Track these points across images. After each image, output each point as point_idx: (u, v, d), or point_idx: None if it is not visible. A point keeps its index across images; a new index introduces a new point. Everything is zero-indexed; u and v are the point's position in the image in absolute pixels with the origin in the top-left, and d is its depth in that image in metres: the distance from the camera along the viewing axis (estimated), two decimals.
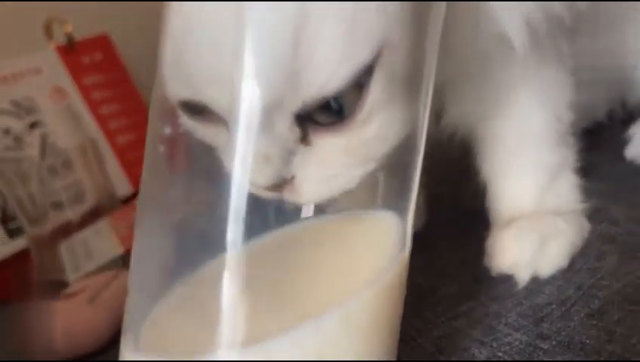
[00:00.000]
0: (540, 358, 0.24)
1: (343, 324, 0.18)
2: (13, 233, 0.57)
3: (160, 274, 0.22)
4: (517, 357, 0.25)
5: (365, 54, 0.19)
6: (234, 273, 0.18)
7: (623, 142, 0.42)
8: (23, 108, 0.62)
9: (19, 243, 0.56)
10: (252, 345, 0.17)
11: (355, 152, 0.21)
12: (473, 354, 0.26)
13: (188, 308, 0.21)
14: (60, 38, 0.67)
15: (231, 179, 0.18)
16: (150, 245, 0.22)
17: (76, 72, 0.67)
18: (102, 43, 0.71)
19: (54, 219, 0.58)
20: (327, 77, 0.18)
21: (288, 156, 0.20)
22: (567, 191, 0.33)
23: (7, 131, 0.59)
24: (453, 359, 0.26)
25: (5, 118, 0.60)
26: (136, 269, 0.22)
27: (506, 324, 0.28)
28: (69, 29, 0.67)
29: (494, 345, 0.26)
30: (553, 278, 0.30)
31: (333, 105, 0.20)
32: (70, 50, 0.67)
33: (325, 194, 0.21)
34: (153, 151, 0.22)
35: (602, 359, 0.23)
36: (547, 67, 0.31)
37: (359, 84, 0.19)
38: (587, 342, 0.25)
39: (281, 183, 0.20)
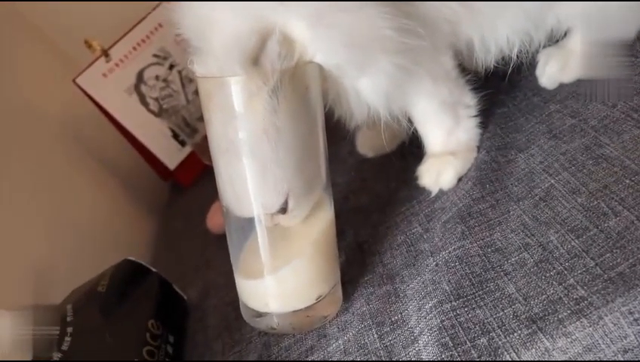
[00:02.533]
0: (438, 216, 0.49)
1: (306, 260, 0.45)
2: (182, 144, 0.91)
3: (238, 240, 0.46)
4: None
5: None
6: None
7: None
8: (161, 57, 0.90)
9: (187, 150, 0.90)
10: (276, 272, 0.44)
11: None
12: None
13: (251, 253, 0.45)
14: None
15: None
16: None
17: None
18: None
19: (203, 130, 0.89)
20: None
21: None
22: (462, 136, 0.51)
23: (157, 78, 0.89)
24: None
25: (153, 68, 0.89)
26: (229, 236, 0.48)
27: (424, 214, 0.51)
28: None
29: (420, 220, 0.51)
30: (446, 191, 0.52)
31: None
32: None
33: None
34: None
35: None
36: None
37: None
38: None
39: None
